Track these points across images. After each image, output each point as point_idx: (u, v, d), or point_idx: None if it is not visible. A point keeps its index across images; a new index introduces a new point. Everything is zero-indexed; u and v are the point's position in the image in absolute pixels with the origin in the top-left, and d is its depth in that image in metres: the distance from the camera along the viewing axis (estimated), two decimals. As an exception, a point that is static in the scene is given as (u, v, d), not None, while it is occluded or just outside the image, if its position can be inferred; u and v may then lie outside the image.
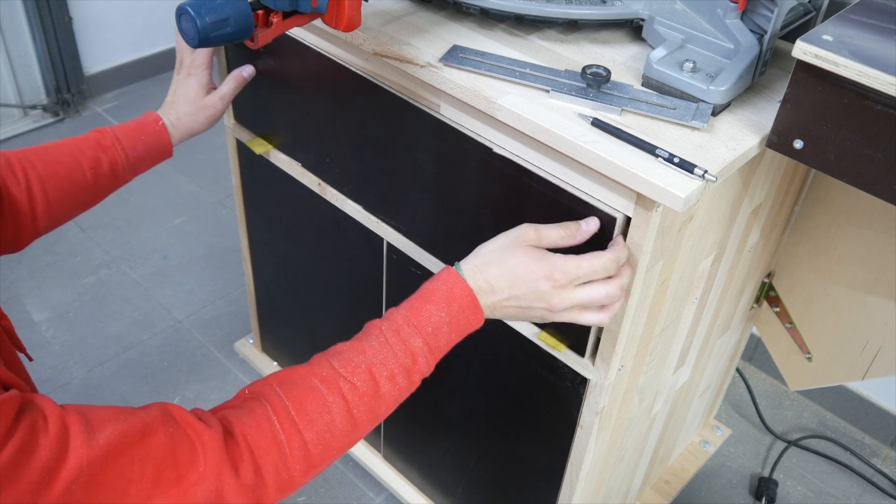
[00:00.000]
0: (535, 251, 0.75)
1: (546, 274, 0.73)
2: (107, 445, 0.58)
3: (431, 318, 0.73)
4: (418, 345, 0.73)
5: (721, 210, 0.93)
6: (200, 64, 1.03)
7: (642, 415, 1.14)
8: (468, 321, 0.75)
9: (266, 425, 0.66)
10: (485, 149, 0.84)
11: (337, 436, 0.69)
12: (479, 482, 1.26)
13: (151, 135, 0.99)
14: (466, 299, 0.74)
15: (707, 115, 0.80)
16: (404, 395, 0.74)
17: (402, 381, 0.73)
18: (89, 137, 0.95)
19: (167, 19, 2.64)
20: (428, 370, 0.75)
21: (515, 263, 0.74)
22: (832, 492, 1.59)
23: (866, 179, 0.75)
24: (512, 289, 0.74)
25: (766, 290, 1.30)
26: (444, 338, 0.74)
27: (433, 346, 0.74)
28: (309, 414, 0.68)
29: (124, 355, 1.77)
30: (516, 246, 0.75)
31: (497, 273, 0.74)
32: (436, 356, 0.75)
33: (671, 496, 1.49)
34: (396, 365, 0.72)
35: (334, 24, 0.77)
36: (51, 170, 0.91)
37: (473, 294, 0.74)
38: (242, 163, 1.35)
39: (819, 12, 0.92)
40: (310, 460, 0.67)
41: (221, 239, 2.10)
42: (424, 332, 0.73)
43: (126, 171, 0.98)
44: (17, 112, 2.43)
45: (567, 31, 0.96)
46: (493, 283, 0.74)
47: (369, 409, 0.71)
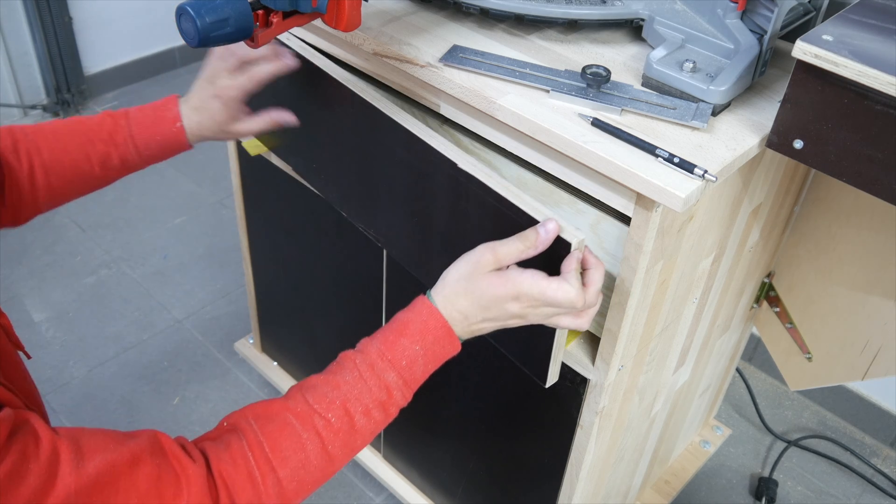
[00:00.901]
0: (498, 275, 0.73)
1: (513, 296, 0.72)
2: (95, 474, 0.58)
3: (406, 352, 0.72)
4: (393, 379, 0.72)
5: (721, 210, 0.93)
6: (233, 97, 0.93)
7: (642, 415, 1.14)
8: (444, 350, 0.74)
9: (241, 461, 0.67)
10: (450, 163, 0.83)
11: (311, 472, 0.69)
12: (479, 482, 1.26)
13: (167, 134, 0.94)
14: (441, 331, 0.73)
15: (707, 115, 0.80)
16: (381, 427, 0.73)
17: (378, 414, 0.72)
18: (103, 127, 0.91)
19: (167, 19, 2.64)
20: (405, 402, 0.74)
21: (482, 292, 0.73)
22: (832, 492, 1.59)
23: (866, 179, 0.75)
24: (485, 312, 0.73)
25: (766, 290, 1.30)
26: (419, 370, 0.73)
27: (408, 378, 0.73)
28: (283, 451, 0.68)
29: (124, 355, 1.77)
30: (478, 274, 0.73)
31: (467, 303, 0.73)
32: (412, 388, 0.74)
33: (671, 496, 1.49)
34: (371, 400, 0.72)
35: (334, 24, 0.77)
36: (56, 158, 0.89)
37: (448, 325, 0.73)
38: (242, 163, 1.35)
39: (819, 12, 0.92)
40: (283, 496, 0.68)
41: (221, 239, 2.10)
42: (399, 365, 0.72)
43: (137, 164, 0.95)
44: (17, 112, 2.43)
45: (567, 31, 0.96)
46: (466, 311, 0.74)
47: (345, 444, 0.71)
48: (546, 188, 0.87)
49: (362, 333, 0.77)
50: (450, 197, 0.86)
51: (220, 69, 0.93)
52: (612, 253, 0.84)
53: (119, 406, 1.67)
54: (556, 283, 0.72)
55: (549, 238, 0.73)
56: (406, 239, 0.99)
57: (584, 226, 0.85)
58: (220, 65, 0.93)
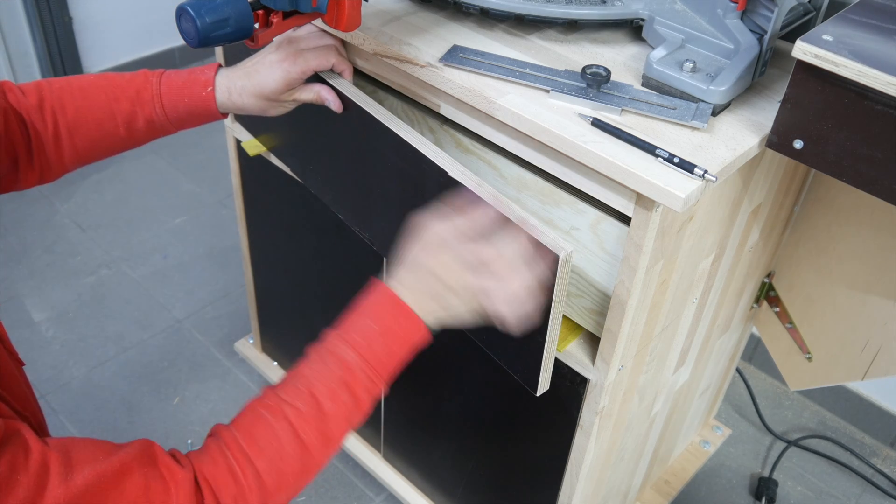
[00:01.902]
0: (438, 246, 0.74)
1: (454, 257, 0.73)
2: (84, 486, 0.58)
3: (362, 331, 0.72)
4: (352, 357, 0.72)
5: (721, 210, 0.93)
6: (301, 70, 0.88)
7: (642, 415, 1.14)
8: (405, 331, 0.73)
9: (220, 458, 0.67)
10: (441, 171, 0.83)
11: (288, 461, 0.69)
12: (478, 482, 1.26)
13: (196, 99, 0.89)
14: (396, 308, 0.73)
15: (707, 115, 0.80)
16: (354, 412, 0.72)
17: (345, 395, 0.71)
18: (132, 84, 0.88)
19: (167, 19, 2.64)
20: (374, 386, 0.73)
21: (426, 262, 0.74)
22: (832, 492, 1.59)
23: (866, 179, 0.75)
24: (438, 285, 0.73)
25: (766, 290, 1.30)
26: (380, 349, 0.72)
27: (369, 357, 0.72)
28: (258, 441, 0.68)
29: (124, 355, 1.77)
30: (424, 251, 0.75)
31: (414, 279, 0.74)
32: (378, 370, 0.73)
33: (671, 496, 1.49)
34: (334, 380, 0.71)
35: (334, 24, 0.77)
36: (82, 118, 0.86)
37: (401, 301, 0.73)
38: (242, 163, 1.35)
39: (819, 12, 0.92)
40: (264, 489, 0.68)
41: (221, 239, 2.10)
42: (356, 344, 0.72)
43: (166, 126, 0.91)
44: (17, 112, 2.43)
45: (567, 31, 0.96)
46: (418, 288, 0.74)
47: (318, 431, 0.70)
48: (546, 188, 0.87)
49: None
50: (441, 202, 0.86)
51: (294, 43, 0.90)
52: (612, 253, 0.84)
53: (119, 406, 1.67)
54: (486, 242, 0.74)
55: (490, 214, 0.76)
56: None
57: (583, 226, 0.85)
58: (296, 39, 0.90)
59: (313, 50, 0.90)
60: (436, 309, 0.74)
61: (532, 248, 0.74)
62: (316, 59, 0.89)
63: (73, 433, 1.59)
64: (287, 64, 0.88)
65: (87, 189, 2.23)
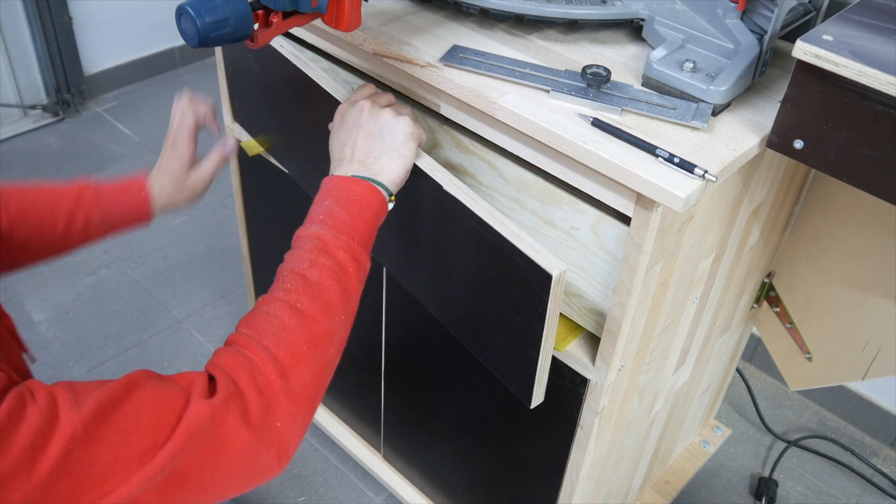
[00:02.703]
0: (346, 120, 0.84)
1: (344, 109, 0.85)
2: (97, 405, 0.59)
3: (318, 211, 0.78)
4: (317, 229, 0.76)
5: (721, 210, 0.93)
6: (182, 141, 0.97)
7: (642, 415, 1.14)
8: (352, 191, 0.78)
9: (227, 349, 0.70)
10: (436, 185, 0.84)
11: (293, 331, 0.71)
12: (479, 482, 1.26)
13: (133, 201, 0.96)
14: (337, 181, 0.80)
15: (707, 115, 0.80)
16: (340, 273, 0.75)
17: (324, 259, 0.74)
18: (72, 189, 0.93)
19: (167, 19, 2.64)
20: (350, 244, 0.76)
21: (335, 131, 0.85)
22: (832, 492, 1.59)
23: (866, 179, 0.75)
24: (349, 140, 0.82)
25: (766, 290, 1.30)
26: (341, 214, 0.77)
27: (332, 223, 0.76)
28: (258, 326, 0.71)
29: (124, 355, 1.77)
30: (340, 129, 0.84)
31: (335, 146, 0.84)
32: (346, 231, 0.76)
33: (671, 496, 1.49)
34: (308, 251, 0.75)
35: (334, 24, 0.77)
36: (24, 213, 0.89)
37: (341, 176, 0.80)
38: (242, 163, 1.35)
39: (819, 12, 0.92)
40: (278, 361, 0.69)
41: (221, 239, 2.10)
42: (317, 219, 0.77)
43: (98, 230, 0.95)
44: (17, 112, 2.43)
45: (567, 31, 0.96)
46: (340, 154, 0.82)
47: (312, 297, 0.73)
48: (546, 188, 0.87)
49: (361, 331, 0.78)
50: (436, 216, 0.87)
51: (172, 121, 0.99)
52: (612, 253, 0.84)
53: (119, 406, 1.67)
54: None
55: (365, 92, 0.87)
56: (395, 254, 0.99)
57: (583, 226, 0.85)
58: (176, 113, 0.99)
59: (178, 125, 0.98)
60: (366, 160, 0.81)
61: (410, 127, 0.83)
62: (183, 130, 0.97)
63: (73, 433, 1.60)
64: (174, 148, 0.98)
65: (87, 189, 2.23)
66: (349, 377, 1.43)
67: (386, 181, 0.80)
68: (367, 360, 1.33)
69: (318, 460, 1.59)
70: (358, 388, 1.42)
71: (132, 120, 2.53)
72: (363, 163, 0.81)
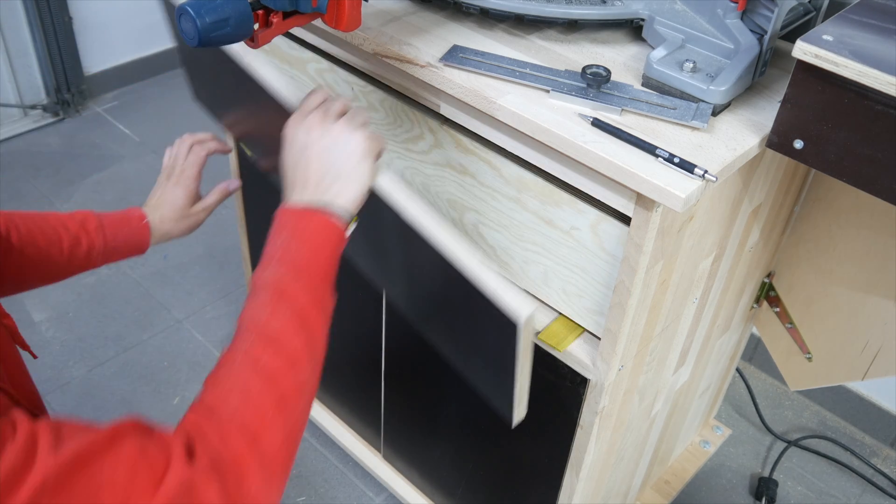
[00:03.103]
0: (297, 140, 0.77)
1: (295, 125, 0.77)
2: (75, 453, 0.57)
3: (276, 248, 0.73)
4: (273, 272, 0.71)
5: (721, 210, 0.93)
6: (190, 175, 1.03)
7: (642, 415, 1.14)
8: (308, 224, 0.73)
9: (198, 413, 0.67)
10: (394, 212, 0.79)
11: (258, 394, 0.66)
12: (479, 482, 1.26)
13: (134, 230, 0.99)
14: (289, 214, 0.74)
15: (707, 115, 0.80)
16: (304, 320, 0.70)
17: (284, 308, 0.69)
18: (75, 216, 0.95)
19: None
20: (307, 287, 0.71)
21: (286, 148, 0.78)
22: (832, 492, 1.59)
23: (866, 179, 0.75)
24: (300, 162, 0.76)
25: (766, 290, 1.30)
26: (296, 253, 0.72)
27: (289, 264, 0.71)
28: (223, 386, 0.67)
29: (124, 355, 1.77)
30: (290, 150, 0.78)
31: (287, 166, 0.78)
32: (302, 270, 0.71)
33: (671, 496, 1.49)
34: (268, 299, 0.70)
35: (334, 24, 0.77)
36: (33, 237, 0.90)
37: (287, 206, 0.75)
38: (242, 163, 1.35)
39: (819, 12, 0.92)
40: (247, 428, 0.65)
41: (221, 239, 2.10)
42: (274, 260, 0.72)
43: (100, 256, 0.96)
44: (17, 112, 2.43)
45: (567, 31, 0.96)
46: (293, 177, 0.76)
47: (275, 352, 0.68)
48: (546, 188, 0.87)
49: (361, 333, 0.77)
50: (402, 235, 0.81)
51: (177, 159, 1.04)
52: (612, 253, 0.84)
53: (119, 406, 1.66)
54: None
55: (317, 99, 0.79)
56: (368, 259, 0.96)
57: (583, 226, 0.85)
58: (178, 154, 1.04)
59: (188, 160, 1.04)
60: (321, 185, 0.75)
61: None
62: (193, 164, 1.04)
63: (73, 433, 1.60)
64: (179, 183, 1.03)
65: (87, 189, 2.23)
66: (349, 377, 1.43)
67: (342, 208, 0.74)
68: (367, 360, 1.33)
69: (318, 460, 1.59)
70: (358, 388, 1.42)
71: (132, 120, 2.53)
72: (317, 188, 0.75)
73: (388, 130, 1.02)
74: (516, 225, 0.93)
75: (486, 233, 0.98)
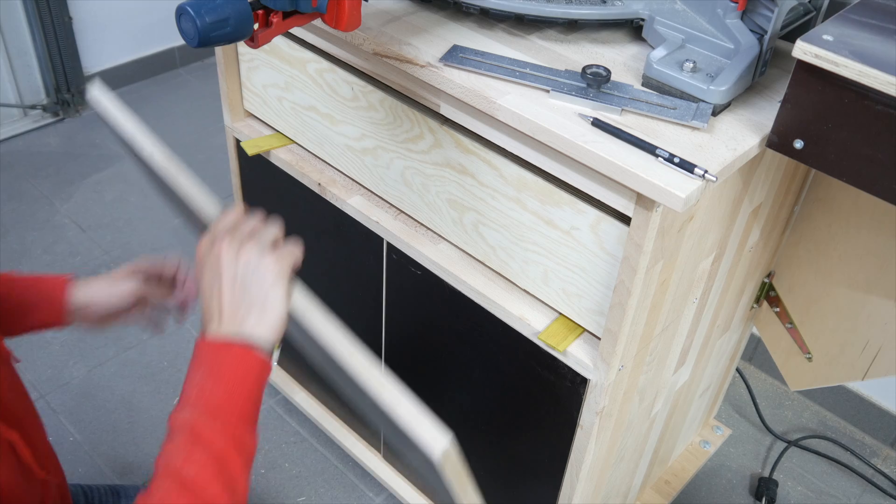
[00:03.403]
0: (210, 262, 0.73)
1: (205, 251, 0.73)
2: None
3: (193, 385, 0.69)
4: (188, 414, 0.67)
5: (721, 210, 0.93)
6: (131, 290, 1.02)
7: (642, 415, 1.14)
8: (225, 359, 0.69)
9: None
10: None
11: None
12: (478, 482, 1.25)
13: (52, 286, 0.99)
14: (208, 347, 0.70)
15: (707, 115, 0.80)
16: (221, 465, 0.66)
17: (199, 453, 0.66)
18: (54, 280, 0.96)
19: (167, 19, 2.64)
20: (224, 429, 0.67)
21: (199, 272, 0.73)
22: (832, 492, 1.59)
23: (866, 179, 0.75)
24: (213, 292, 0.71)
25: (766, 290, 1.30)
26: (212, 392, 0.68)
27: (205, 405, 0.68)
28: None
29: (124, 355, 1.77)
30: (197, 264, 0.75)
31: (202, 291, 0.73)
32: (218, 411, 0.68)
33: (671, 496, 1.49)
34: (183, 444, 0.66)
35: (334, 24, 0.77)
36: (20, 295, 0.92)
37: (203, 338, 0.70)
38: (242, 163, 1.35)
39: (819, 12, 0.92)
40: None
41: (221, 239, 2.10)
42: (190, 400, 0.68)
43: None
44: (17, 112, 2.43)
45: (567, 31, 0.96)
46: (208, 305, 0.72)
47: (191, 501, 0.64)
48: (546, 188, 0.87)
49: (362, 333, 0.76)
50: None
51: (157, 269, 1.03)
52: (612, 253, 0.84)
53: (119, 406, 1.66)
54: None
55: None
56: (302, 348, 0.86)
57: (583, 226, 0.85)
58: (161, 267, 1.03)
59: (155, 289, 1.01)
60: (242, 321, 0.71)
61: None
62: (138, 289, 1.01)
63: (73, 433, 1.60)
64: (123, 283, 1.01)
65: (87, 189, 2.23)
66: (349, 377, 1.43)
67: (262, 339, 0.70)
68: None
69: (318, 460, 1.59)
70: (358, 388, 1.42)
71: (132, 120, 2.53)
72: (232, 320, 0.70)
73: (388, 130, 1.02)
74: (516, 225, 0.93)
75: (486, 233, 0.98)
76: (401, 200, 1.08)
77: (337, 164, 1.16)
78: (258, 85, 1.21)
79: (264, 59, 1.16)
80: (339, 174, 1.17)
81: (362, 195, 1.13)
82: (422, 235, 1.07)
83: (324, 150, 1.17)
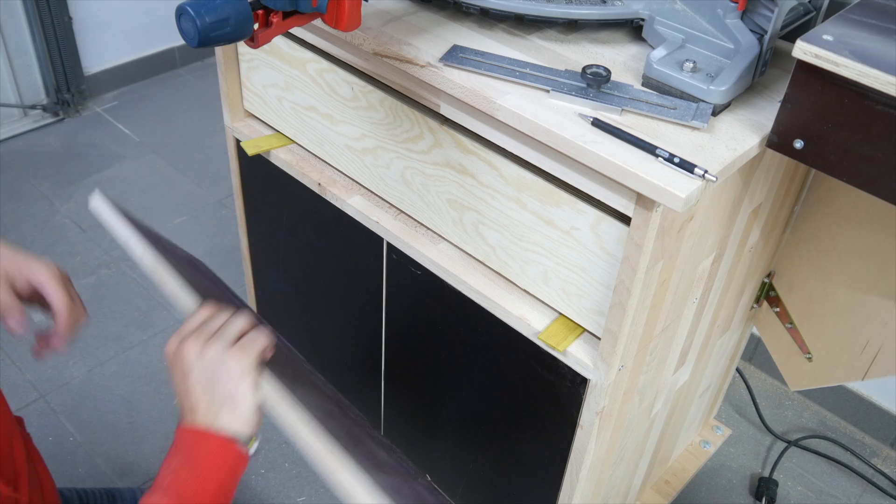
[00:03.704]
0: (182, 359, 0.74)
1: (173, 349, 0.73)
2: None
3: (168, 471, 0.70)
4: (156, 500, 0.68)
5: (721, 210, 0.93)
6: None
7: (642, 415, 1.14)
8: (202, 449, 0.71)
9: None
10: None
11: None
12: (479, 482, 1.26)
13: None
14: (188, 434, 0.71)
15: (707, 115, 0.80)
16: None
17: None
18: None
19: (167, 19, 2.64)
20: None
21: (171, 369, 0.74)
22: (832, 492, 1.59)
23: (866, 179, 0.75)
24: (184, 389, 0.72)
25: (766, 290, 1.30)
26: (186, 480, 0.70)
27: (176, 492, 0.69)
28: None
29: (124, 355, 1.77)
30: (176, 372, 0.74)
31: (175, 385, 0.74)
32: (185, 501, 0.69)
33: (671, 496, 1.49)
34: None
35: (334, 24, 0.77)
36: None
37: (183, 426, 0.72)
38: (242, 163, 1.35)
39: (819, 12, 0.92)
40: None
41: (221, 239, 2.10)
42: (163, 486, 0.69)
43: None
44: (17, 112, 2.43)
45: (567, 31, 0.96)
46: (184, 399, 0.73)
47: None
48: (546, 188, 0.87)
49: (362, 333, 0.77)
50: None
51: None
52: (612, 253, 0.84)
53: (119, 406, 1.66)
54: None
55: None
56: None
57: (583, 226, 0.85)
58: None
59: None
60: (215, 415, 0.72)
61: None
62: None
63: (72, 433, 1.60)
64: None
65: (87, 189, 2.23)
66: (349, 377, 1.43)
67: (237, 433, 0.71)
68: (367, 360, 1.33)
69: (318, 460, 1.59)
70: (358, 388, 1.42)
71: (132, 120, 2.52)
72: (207, 414, 0.72)
73: (388, 130, 1.02)
74: (516, 225, 0.93)
75: (486, 233, 0.98)
76: (401, 200, 1.08)
77: (337, 164, 1.16)
78: (258, 85, 1.21)
79: (264, 59, 1.16)
80: (339, 174, 1.17)
81: (362, 195, 1.13)
82: (422, 235, 1.07)
83: (324, 150, 1.17)
